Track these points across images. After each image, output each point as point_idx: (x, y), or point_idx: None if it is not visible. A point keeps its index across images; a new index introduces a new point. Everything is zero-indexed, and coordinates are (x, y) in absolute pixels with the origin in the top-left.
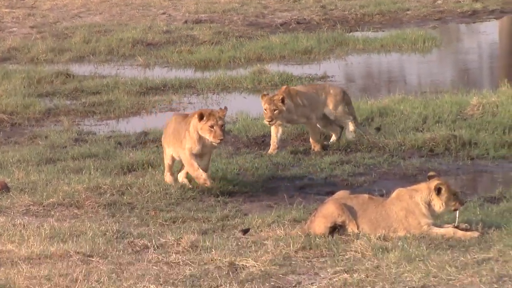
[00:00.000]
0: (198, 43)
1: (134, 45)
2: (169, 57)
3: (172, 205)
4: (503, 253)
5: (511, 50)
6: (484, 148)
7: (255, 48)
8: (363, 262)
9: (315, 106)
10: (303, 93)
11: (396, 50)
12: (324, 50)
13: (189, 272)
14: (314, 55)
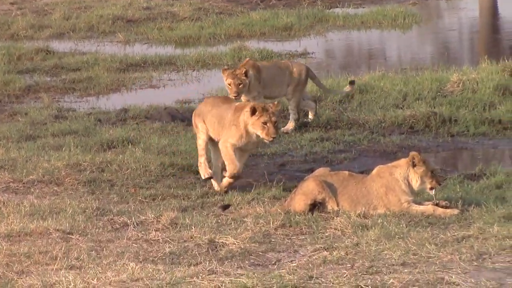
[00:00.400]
0: (178, 19)
1: (114, 21)
2: (149, 33)
3: (152, 182)
4: (483, 230)
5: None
6: (464, 125)
7: (235, 24)
8: (342, 239)
9: (277, 82)
10: (266, 67)
11: (376, 27)
12: (304, 26)
13: (168, 249)
14: (294, 31)
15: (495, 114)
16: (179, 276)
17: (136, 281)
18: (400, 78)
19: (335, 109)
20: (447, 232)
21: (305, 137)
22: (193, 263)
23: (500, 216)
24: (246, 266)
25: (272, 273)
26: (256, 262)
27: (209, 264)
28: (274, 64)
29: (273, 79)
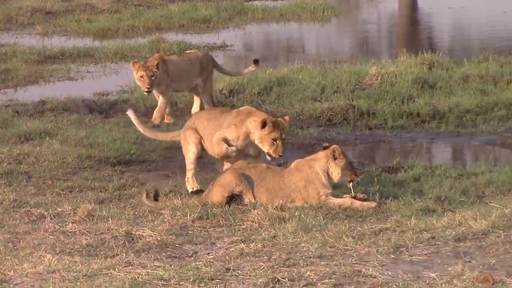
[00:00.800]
0: (97, 11)
1: (32, 13)
2: (67, 25)
3: (69, 174)
4: (400, 223)
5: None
6: (382, 118)
7: (154, 16)
8: (260, 232)
9: (186, 75)
10: (173, 61)
11: (295, 20)
12: (223, 19)
13: (85, 241)
14: (213, 24)
15: (413, 107)
16: (95, 268)
17: (53, 273)
18: (319, 71)
19: (253, 102)
20: (364, 225)
21: None
22: (110, 255)
23: (417, 209)
24: (163, 258)
25: (189, 265)
26: (173, 254)
27: (126, 256)
28: (182, 56)
29: (182, 72)
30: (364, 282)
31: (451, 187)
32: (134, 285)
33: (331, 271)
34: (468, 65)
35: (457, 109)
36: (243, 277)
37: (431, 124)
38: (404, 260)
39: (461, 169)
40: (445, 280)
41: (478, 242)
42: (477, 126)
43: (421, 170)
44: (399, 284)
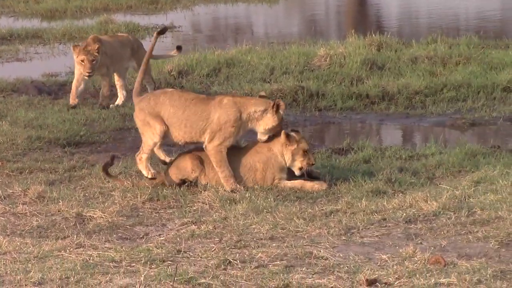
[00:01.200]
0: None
1: None
2: (15, 6)
3: (19, 155)
4: (351, 205)
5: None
6: (331, 99)
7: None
8: (210, 213)
9: (119, 58)
10: (109, 42)
11: (243, 1)
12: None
13: (36, 223)
14: (161, 5)
15: (363, 88)
16: (46, 249)
17: (4, 255)
18: (267, 52)
19: (203, 83)
20: (315, 207)
21: None
22: (61, 237)
23: (368, 191)
24: (114, 239)
25: (140, 247)
26: (124, 235)
27: (76, 237)
28: (115, 38)
29: (117, 54)
30: (316, 263)
31: (402, 169)
32: (85, 267)
33: (282, 253)
34: (417, 46)
35: (406, 90)
36: (195, 258)
37: (380, 106)
38: (356, 242)
39: (411, 150)
40: (397, 262)
41: (429, 223)
42: (427, 107)
43: (371, 152)
44: (351, 266)
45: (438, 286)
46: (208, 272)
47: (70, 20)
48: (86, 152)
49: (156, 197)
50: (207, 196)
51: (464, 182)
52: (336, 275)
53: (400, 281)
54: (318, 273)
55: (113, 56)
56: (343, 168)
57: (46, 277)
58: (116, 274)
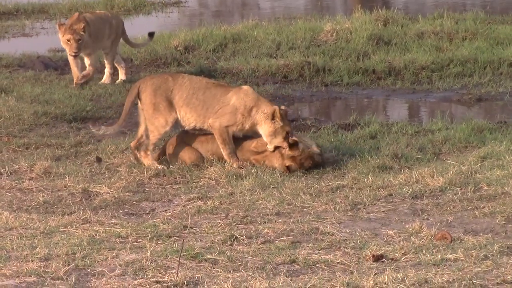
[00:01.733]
0: None
1: None
2: None
3: (25, 131)
4: (357, 180)
5: None
6: (338, 75)
7: None
8: (217, 189)
9: (101, 36)
10: (92, 20)
11: None
12: None
13: (42, 198)
14: None
15: (369, 63)
16: (53, 225)
17: (10, 230)
18: (274, 27)
19: (209, 58)
20: (321, 182)
21: None
22: (67, 212)
23: (374, 166)
24: (120, 215)
25: (146, 223)
26: (130, 211)
27: (83, 213)
28: (97, 16)
29: (99, 32)
30: (322, 239)
31: (408, 144)
32: (92, 243)
33: (288, 229)
34: (423, 21)
35: (413, 65)
36: (201, 234)
37: (386, 81)
38: (362, 218)
39: (417, 126)
40: (403, 238)
41: (435, 199)
42: (433, 83)
43: (378, 127)
44: (357, 242)
45: (445, 261)
46: (214, 248)
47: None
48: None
49: (162, 173)
50: (213, 171)
51: (470, 158)
52: (343, 251)
53: (406, 257)
54: (325, 248)
55: (96, 34)
56: (349, 144)
57: (53, 253)
58: (123, 249)
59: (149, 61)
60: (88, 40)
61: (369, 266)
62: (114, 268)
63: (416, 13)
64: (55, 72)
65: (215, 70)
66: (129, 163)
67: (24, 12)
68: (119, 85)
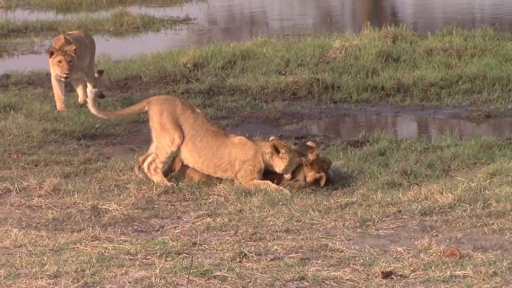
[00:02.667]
0: None
1: None
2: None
3: (34, 148)
4: (367, 197)
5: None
6: (347, 92)
7: None
8: (226, 206)
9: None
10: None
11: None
12: None
13: (51, 215)
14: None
15: (378, 80)
16: (62, 242)
17: (19, 247)
18: (283, 44)
19: (218, 75)
20: (330, 199)
21: None
22: (76, 230)
23: (383, 183)
24: (129, 232)
25: (155, 240)
26: (139, 228)
27: (92, 230)
28: (76, 36)
29: (81, 53)
30: (331, 256)
31: (417, 161)
32: (101, 260)
33: (297, 245)
34: (432, 38)
35: (422, 82)
36: (210, 251)
37: (395, 98)
38: (371, 234)
39: (426, 142)
40: (412, 254)
41: (445, 216)
42: (442, 99)
43: (387, 144)
44: (366, 258)
45: (454, 278)
46: (223, 265)
47: (85, 12)
48: (102, 144)
49: (171, 190)
50: (222, 188)
51: (479, 174)
52: (352, 268)
53: (415, 274)
54: (334, 265)
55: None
56: (358, 161)
57: (62, 270)
58: (132, 266)
59: (158, 78)
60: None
61: (378, 283)
62: (123, 285)
63: (425, 30)
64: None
65: (224, 87)
66: (138, 180)
67: (33, 30)
68: (128, 102)
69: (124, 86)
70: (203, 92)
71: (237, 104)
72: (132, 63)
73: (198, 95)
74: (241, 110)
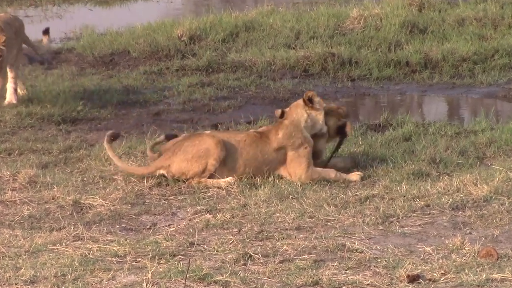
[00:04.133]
0: None
1: None
2: None
3: (7, 134)
4: (389, 189)
5: None
6: (366, 68)
7: None
8: (228, 200)
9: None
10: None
11: None
12: None
13: (27, 212)
14: None
15: (402, 55)
16: (40, 242)
17: None
18: (292, 14)
19: (217, 50)
20: (348, 192)
21: (182, 82)
22: (56, 228)
23: (408, 173)
24: (116, 231)
25: (147, 239)
26: (128, 226)
27: (74, 229)
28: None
29: (11, 42)
30: (349, 257)
31: (447, 148)
32: (84, 263)
33: (310, 245)
34: (464, 6)
35: (452, 57)
36: (210, 252)
37: (422, 75)
38: (395, 232)
39: (458, 126)
40: (442, 255)
41: (479, 210)
42: (475, 76)
43: (412, 128)
44: (390, 260)
45: (490, 282)
46: (225, 268)
47: None
48: (84, 130)
49: (164, 182)
50: (223, 180)
51: None
52: (373, 271)
53: (446, 277)
54: (352, 268)
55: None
56: (380, 147)
57: (39, 275)
58: (120, 270)
59: (149, 53)
60: (6, 57)
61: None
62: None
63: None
64: (41, 67)
65: (225, 64)
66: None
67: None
68: (115, 81)
69: (110, 63)
70: (200, 69)
71: (240, 83)
72: (119, 36)
73: (195, 73)
74: (245, 89)
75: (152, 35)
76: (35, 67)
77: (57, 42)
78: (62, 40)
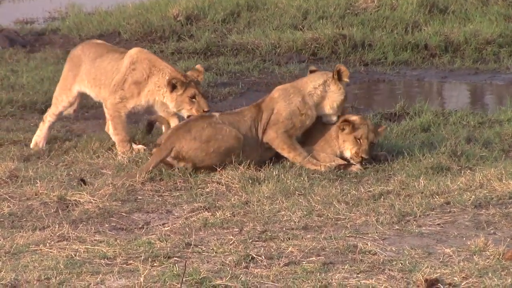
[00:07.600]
0: None
1: None
2: None
3: None
4: (406, 185)
5: None
6: (380, 51)
7: None
8: (228, 196)
9: None
10: None
11: None
12: None
13: (7, 209)
14: None
15: (420, 37)
16: (21, 243)
17: None
18: None
19: (217, 31)
20: (360, 188)
21: (178, 66)
22: (39, 227)
23: (427, 167)
24: (106, 230)
25: (139, 240)
26: (118, 225)
27: (59, 228)
28: None
29: None
30: (361, 260)
31: (469, 139)
32: (70, 265)
33: (319, 247)
34: None
35: (475, 39)
36: (208, 254)
37: (442, 59)
38: (412, 232)
39: (481, 115)
40: (463, 257)
41: (504, 208)
42: (501, 61)
43: (431, 117)
44: (405, 263)
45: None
46: (225, 271)
47: None
48: (70, 119)
49: (158, 177)
50: (223, 175)
51: None
52: (387, 274)
53: (468, 281)
54: (365, 271)
55: None
56: (395, 138)
57: (21, 278)
58: (109, 274)
59: (142, 35)
60: None
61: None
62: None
63: None
64: (23, 50)
65: (225, 46)
66: (116, 163)
67: None
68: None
69: None
70: (198, 52)
71: (242, 67)
72: (109, 15)
73: (192, 56)
74: (247, 74)
75: (144, 14)
76: (17, 50)
77: (40, 22)
78: (46, 20)
